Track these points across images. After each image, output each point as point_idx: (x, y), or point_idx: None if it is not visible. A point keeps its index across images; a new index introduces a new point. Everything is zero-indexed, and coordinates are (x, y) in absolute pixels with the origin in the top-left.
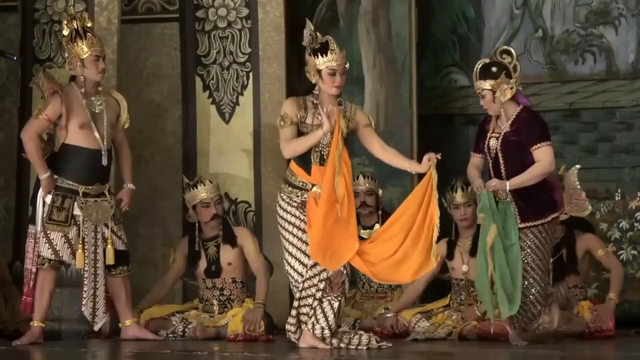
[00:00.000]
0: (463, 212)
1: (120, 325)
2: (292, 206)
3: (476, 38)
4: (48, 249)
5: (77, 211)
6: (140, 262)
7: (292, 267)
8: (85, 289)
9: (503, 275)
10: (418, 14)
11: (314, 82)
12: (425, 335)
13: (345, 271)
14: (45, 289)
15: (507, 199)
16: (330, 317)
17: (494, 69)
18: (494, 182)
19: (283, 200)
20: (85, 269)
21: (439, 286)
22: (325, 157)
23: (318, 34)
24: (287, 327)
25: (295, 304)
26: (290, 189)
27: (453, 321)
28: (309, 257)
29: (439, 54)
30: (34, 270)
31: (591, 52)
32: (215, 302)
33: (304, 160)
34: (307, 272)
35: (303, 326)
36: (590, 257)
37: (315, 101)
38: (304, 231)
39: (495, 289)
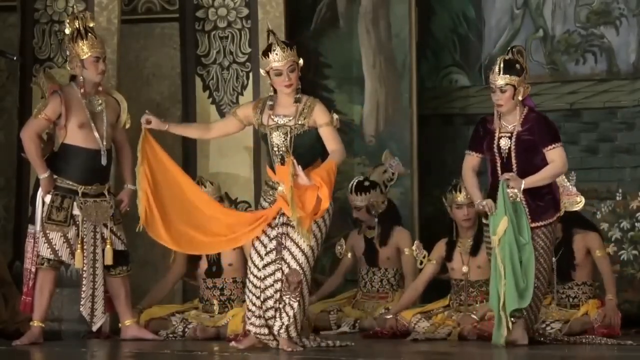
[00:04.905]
0: (466, 212)
1: (120, 325)
2: (267, 202)
3: (476, 38)
4: (47, 248)
5: (76, 211)
6: (140, 262)
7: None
8: (83, 289)
9: (514, 269)
10: (418, 14)
11: (269, 83)
12: (425, 335)
13: (302, 271)
14: (44, 289)
15: (518, 199)
16: (292, 317)
17: (518, 66)
18: (511, 175)
19: (262, 198)
20: (84, 269)
21: (439, 286)
22: (284, 157)
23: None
24: (258, 329)
25: (259, 312)
26: (266, 188)
27: (453, 321)
28: (261, 256)
29: (439, 54)
30: (33, 270)
31: (592, 52)
32: (215, 302)
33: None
34: (259, 272)
35: (275, 330)
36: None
37: (270, 102)
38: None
39: (504, 284)
